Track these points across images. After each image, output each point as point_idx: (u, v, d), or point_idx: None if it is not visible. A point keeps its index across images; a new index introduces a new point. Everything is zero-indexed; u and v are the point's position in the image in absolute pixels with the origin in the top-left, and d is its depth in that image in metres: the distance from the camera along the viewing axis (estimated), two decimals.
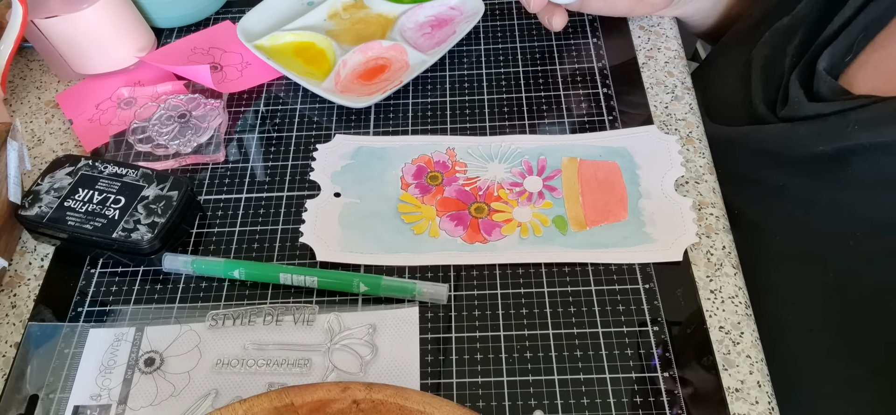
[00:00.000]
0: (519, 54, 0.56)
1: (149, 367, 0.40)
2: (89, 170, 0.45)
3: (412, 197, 0.47)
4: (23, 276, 0.45)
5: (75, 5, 0.52)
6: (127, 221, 0.43)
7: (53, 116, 0.55)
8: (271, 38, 0.56)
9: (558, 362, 0.39)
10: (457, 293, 0.42)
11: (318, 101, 0.54)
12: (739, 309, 0.41)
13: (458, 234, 0.45)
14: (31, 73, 0.59)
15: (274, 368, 0.39)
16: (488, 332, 0.41)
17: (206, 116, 0.52)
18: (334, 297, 0.43)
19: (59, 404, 0.38)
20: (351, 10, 0.59)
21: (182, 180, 0.45)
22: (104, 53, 0.55)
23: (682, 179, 0.46)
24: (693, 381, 0.38)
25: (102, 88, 0.55)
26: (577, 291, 0.42)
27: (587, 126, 0.50)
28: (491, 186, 0.47)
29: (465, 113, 0.52)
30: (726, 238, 0.44)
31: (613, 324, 0.40)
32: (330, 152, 0.50)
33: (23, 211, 0.44)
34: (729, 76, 0.54)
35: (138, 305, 0.43)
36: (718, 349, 0.39)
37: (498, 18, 0.59)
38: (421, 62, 0.54)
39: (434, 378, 0.39)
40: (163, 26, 0.60)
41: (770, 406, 0.37)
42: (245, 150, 0.51)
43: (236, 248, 0.45)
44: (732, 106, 0.52)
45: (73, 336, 0.41)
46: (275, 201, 0.48)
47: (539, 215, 0.45)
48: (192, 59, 0.57)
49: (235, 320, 0.41)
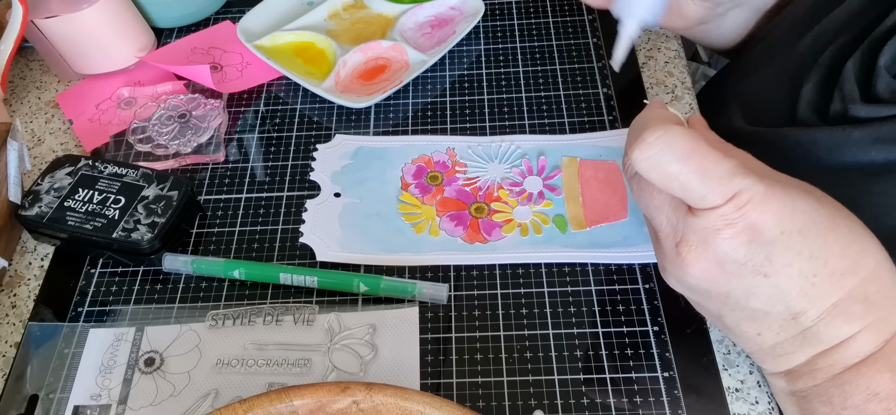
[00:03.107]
0: (519, 54, 0.56)
1: (149, 367, 0.40)
2: (89, 170, 0.45)
3: (412, 197, 0.47)
4: (23, 276, 0.45)
5: (75, 5, 0.52)
6: (127, 221, 0.43)
7: (53, 116, 0.55)
8: (271, 38, 0.56)
9: (558, 362, 0.39)
10: (457, 293, 0.42)
11: (318, 101, 0.54)
12: None
13: (458, 234, 0.45)
14: (31, 73, 0.59)
15: (274, 368, 0.39)
16: (488, 332, 0.41)
17: (206, 116, 0.52)
18: (334, 297, 0.43)
19: (59, 404, 0.38)
20: (351, 10, 0.59)
21: (182, 180, 0.45)
22: (104, 53, 0.55)
23: None
24: (693, 381, 0.38)
25: (102, 88, 0.55)
26: (577, 291, 0.42)
27: (587, 126, 0.50)
28: (491, 186, 0.47)
29: (465, 113, 0.52)
30: None
31: (613, 324, 0.40)
32: (330, 152, 0.50)
33: (23, 211, 0.44)
34: (768, 72, 0.48)
35: (138, 306, 0.43)
36: (718, 349, 0.39)
37: (498, 18, 0.59)
38: (421, 62, 0.54)
39: (434, 378, 0.39)
40: (163, 26, 0.60)
41: (770, 406, 0.37)
42: (245, 150, 0.51)
43: (236, 248, 0.45)
44: (770, 104, 0.46)
45: (73, 336, 0.41)
46: (275, 201, 0.48)
47: (539, 215, 0.45)
48: (192, 59, 0.57)
49: (235, 320, 0.41)
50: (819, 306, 0.31)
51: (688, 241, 0.31)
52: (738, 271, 0.31)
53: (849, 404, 0.32)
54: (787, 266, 0.30)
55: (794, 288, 0.31)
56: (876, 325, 0.31)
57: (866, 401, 0.31)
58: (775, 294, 0.31)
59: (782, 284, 0.31)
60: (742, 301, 0.32)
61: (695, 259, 0.31)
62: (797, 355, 0.33)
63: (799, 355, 0.33)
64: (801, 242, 0.30)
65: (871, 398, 0.31)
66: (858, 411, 0.31)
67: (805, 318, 0.31)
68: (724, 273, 0.31)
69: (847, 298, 0.31)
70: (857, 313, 0.31)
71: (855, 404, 0.32)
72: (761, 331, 0.33)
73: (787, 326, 0.32)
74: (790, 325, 0.32)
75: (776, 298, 0.31)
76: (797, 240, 0.30)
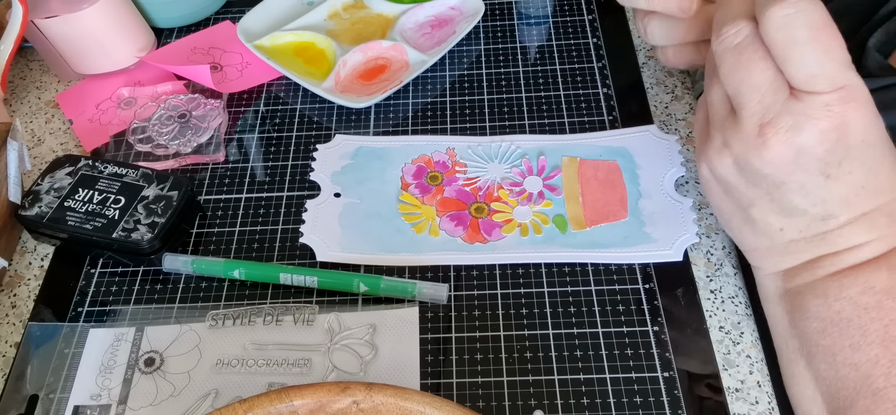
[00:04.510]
0: (519, 54, 0.56)
1: (149, 367, 0.40)
2: (89, 170, 0.45)
3: (412, 197, 0.47)
4: (23, 276, 0.45)
5: (75, 5, 0.52)
6: (127, 221, 0.43)
7: (53, 116, 0.55)
8: (271, 38, 0.56)
9: (558, 362, 0.39)
10: (457, 293, 0.42)
11: (318, 101, 0.54)
12: (739, 309, 0.41)
13: (458, 234, 0.45)
14: (31, 73, 0.59)
15: (274, 368, 0.39)
16: (488, 332, 0.41)
17: (206, 116, 0.52)
18: (334, 297, 0.43)
19: (59, 404, 0.38)
20: (351, 10, 0.59)
21: (182, 180, 0.45)
22: (104, 53, 0.55)
23: (682, 179, 0.46)
24: (693, 381, 0.38)
25: (102, 88, 0.55)
26: (577, 291, 0.42)
27: (587, 126, 0.50)
28: (491, 185, 0.47)
29: (465, 113, 0.52)
30: (726, 238, 0.44)
31: (613, 324, 0.40)
32: (330, 152, 0.50)
33: (23, 211, 0.44)
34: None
35: (138, 306, 0.43)
36: (718, 349, 0.39)
37: (498, 18, 0.59)
38: (421, 62, 0.54)
39: (434, 378, 0.39)
40: (163, 26, 0.60)
41: (770, 406, 0.37)
42: (245, 150, 0.51)
43: (236, 248, 0.45)
44: None
45: (73, 336, 0.41)
46: (275, 201, 0.48)
47: (539, 215, 0.45)
48: (192, 59, 0.57)
49: (235, 320, 0.41)
50: (850, 214, 0.33)
51: (778, 123, 0.32)
52: (809, 166, 0.32)
53: (843, 295, 0.33)
54: (849, 174, 0.32)
55: (842, 195, 0.32)
56: (888, 238, 0.33)
57: (861, 294, 0.33)
58: (824, 196, 0.33)
59: (835, 189, 0.32)
60: (788, 195, 0.33)
61: (778, 142, 0.32)
62: (806, 253, 0.35)
63: (805, 254, 0.35)
64: (869, 154, 0.32)
65: (866, 291, 0.33)
66: (852, 302, 0.33)
67: (833, 221, 0.33)
68: (795, 164, 0.32)
69: (876, 210, 0.33)
70: (880, 225, 0.33)
71: (849, 296, 0.33)
72: (785, 227, 0.34)
73: (813, 226, 0.34)
74: (816, 225, 0.34)
75: (822, 200, 0.33)
76: (869, 152, 0.32)
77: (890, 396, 0.32)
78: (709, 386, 0.38)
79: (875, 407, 0.32)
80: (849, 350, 0.33)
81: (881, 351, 0.32)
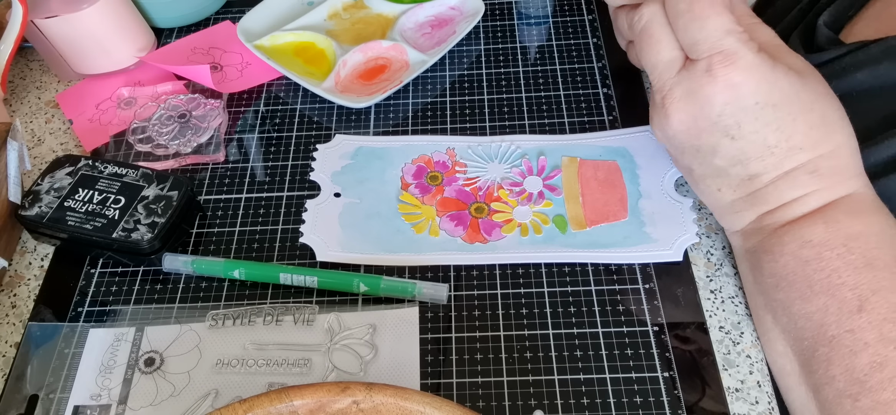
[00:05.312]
0: (519, 54, 0.56)
1: (149, 367, 0.40)
2: (89, 170, 0.45)
3: (412, 197, 0.47)
4: (23, 276, 0.45)
5: (75, 5, 0.52)
6: (127, 221, 0.43)
7: (53, 116, 0.55)
8: (271, 38, 0.56)
9: (558, 362, 0.39)
10: (457, 293, 0.42)
11: (318, 101, 0.54)
12: (739, 309, 0.41)
13: (458, 234, 0.45)
14: (31, 73, 0.59)
15: (274, 368, 0.39)
16: (488, 332, 0.41)
17: (206, 116, 0.52)
18: (334, 297, 0.43)
19: (59, 404, 0.38)
20: (351, 10, 0.59)
21: (182, 180, 0.45)
22: (104, 53, 0.55)
23: (682, 179, 0.46)
24: (693, 381, 0.38)
25: (102, 88, 0.55)
26: (577, 291, 0.42)
27: (587, 126, 0.50)
28: (491, 186, 0.47)
29: (465, 113, 0.52)
30: (727, 239, 0.44)
31: (613, 324, 0.40)
32: (330, 152, 0.50)
33: (23, 211, 0.44)
34: None
35: (138, 306, 0.43)
36: (718, 349, 0.39)
37: (498, 18, 0.59)
38: (421, 62, 0.54)
39: (434, 378, 0.39)
40: (163, 26, 0.60)
41: (770, 406, 0.37)
42: (245, 150, 0.51)
43: (236, 248, 0.45)
44: None
45: (73, 336, 0.41)
46: (275, 201, 0.48)
47: (539, 215, 0.45)
48: (192, 59, 0.57)
49: (235, 320, 0.41)
50: (772, 173, 0.35)
51: (673, 94, 0.35)
52: (709, 129, 0.35)
53: (785, 251, 0.36)
54: (753, 134, 0.34)
55: (754, 154, 0.35)
56: (820, 193, 0.35)
57: (800, 248, 0.35)
58: (737, 156, 0.35)
59: (745, 149, 0.35)
60: (708, 157, 0.36)
61: (675, 110, 0.35)
62: (748, 213, 0.38)
63: (749, 214, 0.38)
64: (771, 115, 0.34)
65: (804, 245, 0.35)
66: (794, 256, 0.35)
67: (758, 180, 0.36)
68: (697, 128, 0.35)
69: (798, 168, 0.35)
70: (804, 182, 0.35)
71: (791, 251, 0.36)
72: (721, 187, 0.38)
73: (743, 185, 0.37)
74: (745, 184, 0.36)
75: (736, 160, 0.35)
76: (769, 113, 0.34)
77: (844, 342, 0.33)
78: (709, 386, 0.38)
79: (832, 354, 0.33)
80: (800, 302, 0.35)
81: (828, 300, 0.34)
